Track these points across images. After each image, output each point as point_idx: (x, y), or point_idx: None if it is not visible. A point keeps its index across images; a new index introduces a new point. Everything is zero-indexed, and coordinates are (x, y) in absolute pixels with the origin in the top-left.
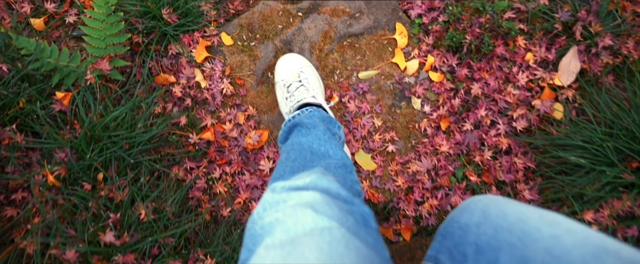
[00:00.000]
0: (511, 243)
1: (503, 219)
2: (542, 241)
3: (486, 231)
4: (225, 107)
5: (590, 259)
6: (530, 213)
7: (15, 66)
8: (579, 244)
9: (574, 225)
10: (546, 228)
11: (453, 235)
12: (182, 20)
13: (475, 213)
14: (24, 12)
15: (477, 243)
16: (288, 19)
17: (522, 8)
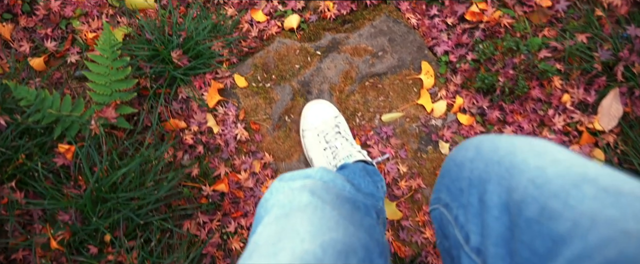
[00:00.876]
0: (499, 175)
1: (494, 153)
2: (527, 172)
3: (478, 165)
4: (239, 154)
5: (570, 187)
6: (521, 145)
7: (15, 119)
8: (562, 173)
9: (561, 155)
10: (533, 159)
11: (450, 172)
12: (193, 63)
13: (470, 150)
14: (23, 51)
15: (470, 177)
16: (306, 58)
17: (558, 47)
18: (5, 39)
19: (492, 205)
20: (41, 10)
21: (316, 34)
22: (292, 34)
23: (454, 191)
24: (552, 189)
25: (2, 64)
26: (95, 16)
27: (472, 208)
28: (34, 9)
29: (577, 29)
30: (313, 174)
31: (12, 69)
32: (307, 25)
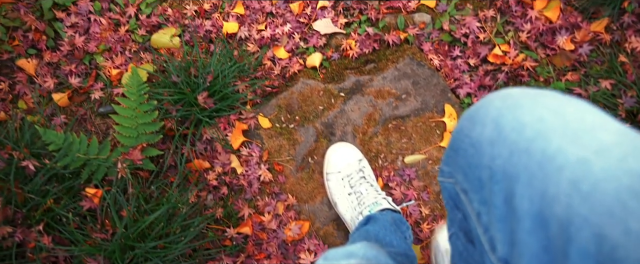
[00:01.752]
0: (530, 171)
1: (520, 134)
2: (567, 169)
3: (501, 152)
4: (263, 195)
5: (626, 197)
6: (552, 120)
7: (43, 164)
8: (614, 173)
9: (607, 135)
10: (572, 147)
11: (465, 153)
12: (218, 105)
13: (488, 125)
14: (47, 87)
15: (491, 167)
16: (329, 100)
17: (582, 93)
18: (29, 75)
19: (523, 213)
20: (65, 46)
21: (339, 73)
22: (315, 73)
23: (472, 179)
24: (605, 203)
25: (27, 100)
26: (119, 52)
27: (496, 209)
28: (58, 44)
29: (601, 75)
30: (356, 252)
31: (36, 104)
32: (329, 63)
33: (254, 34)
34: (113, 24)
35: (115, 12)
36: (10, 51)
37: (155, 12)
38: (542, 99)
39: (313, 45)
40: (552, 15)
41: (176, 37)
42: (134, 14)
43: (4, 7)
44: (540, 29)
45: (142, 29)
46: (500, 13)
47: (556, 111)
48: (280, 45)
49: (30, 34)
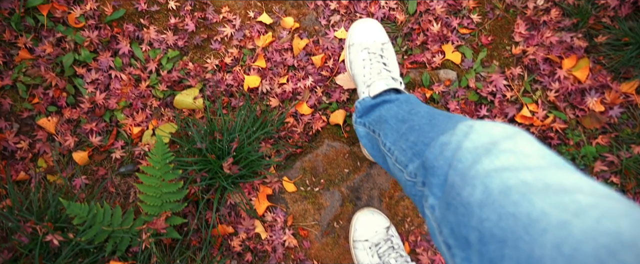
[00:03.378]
0: (517, 235)
1: (506, 197)
2: (550, 232)
3: (489, 215)
4: (287, 261)
5: (604, 256)
6: (535, 183)
7: (68, 239)
8: (591, 233)
9: (584, 198)
10: (554, 211)
11: (456, 211)
12: (243, 172)
13: (478, 187)
14: (67, 146)
15: (479, 229)
16: (355, 163)
17: (614, 160)
18: (49, 133)
19: None
20: (86, 103)
21: None
22: (338, 130)
23: (459, 237)
24: (583, 261)
25: (47, 158)
26: (140, 108)
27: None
28: (78, 101)
29: (633, 140)
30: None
31: (55, 163)
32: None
33: (276, 87)
34: (134, 79)
35: (136, 68)
36: (30, 109)
37: (176, 66)
38: (525, 160)
39: (336, 101)
40: (581, 75)
41: (199, 99)
42: (155, 69)
43: (24, 63)
44: (569, 89)
45: (163, 84)
46: (527, 71)
47: (537, 172)
48: (303, 100)
49: (51, 91)
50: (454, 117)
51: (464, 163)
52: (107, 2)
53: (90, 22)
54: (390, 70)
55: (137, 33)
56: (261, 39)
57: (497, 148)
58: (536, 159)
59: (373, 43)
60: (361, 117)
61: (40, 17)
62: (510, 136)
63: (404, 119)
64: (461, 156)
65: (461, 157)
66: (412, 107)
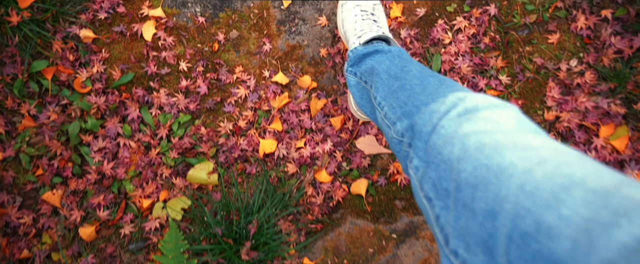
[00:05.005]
0: (487, 180)
1: (481, 152)
2: (515, 177)
3: (466, 167)
4: None
5: (559, 191)
6: (506, 141)
7: None
8: (550, 176)
9: (546, 151)
10: (520, 162)
11: (438, 168)
12: (261, 256)
13: (456, 145)
14: (73, 220)
15: (457, 180)
16: (380, 242)
17: None
18: (53, 205)
19: (478, 212)
20: (93, 173)
21: (388, 206)
22: (360, 201)
23: (439, 190)
24: (543, 197)
25: (52, 234)
26: (150, 178)
27: (455, 212)
28: (84, 170)
29: None
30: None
31: (59, 239)
32: (375, 190)
33: (293, 152)
34: (143, 147)
35: (145, 134)
36: (34, 181)
37: (188, 132)
38: (498, 124)
39: (357, 167)
40: (619, 145)
41: (214, 175)
42: (166, 135)
43: (27, 131)
44: (607, 159)
45: (174, 151)
46: (561, 138)
47: (509, 133)
48: (322, 166)
49: (55, 161)
50: (445, 82)
51: (446, 129)
52: (115, 65)
53: (97, 85)
54: (381, 26)
55: (146, 97)
56: (277, 100)
57: (476, 116)
58: (510, 125)
59: (365, 2)
60: (352, 66)
61: (45, 81)
62: (492, 106)
63: (396, 75)
64: (445, 123)
65: (445, 124)
66: (404, 64)
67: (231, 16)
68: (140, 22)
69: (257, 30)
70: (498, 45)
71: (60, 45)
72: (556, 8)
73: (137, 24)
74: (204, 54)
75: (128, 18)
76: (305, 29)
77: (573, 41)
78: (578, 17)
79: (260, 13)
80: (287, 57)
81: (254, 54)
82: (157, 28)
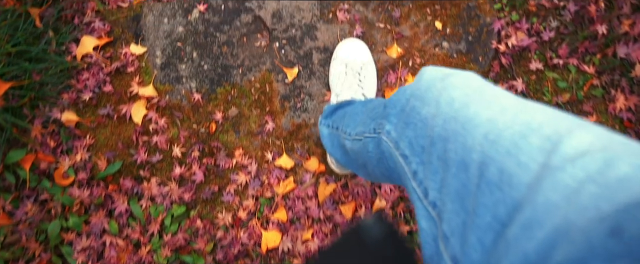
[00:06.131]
0: (456, 131)
1: (450, 106)
2: (480, 126)
3: (438, 122)
4: None
5: (518, 139)
6: (472, 94)
7: None
8: (510, 124)
9: (507, 100)
10: (484, 111)
11: (415, 126)
12: None
13: (432, 104)
14: None
15: (431, 135)
16: None
17: None
18: None
19: (451, 163)
20: None
21: None
22: None
23: (415, 147)
24: (504, 145)
25: None
26: None
27: (431, 165)
28: None
29: None
30: None
31: None
32: None
33: (299, 245)
34: (132, 245)
35: (134, 230)
36: None
37: (183, 226)
38: (468, 81)
39: None
40: None
41: None
42: (157, 231)
43: (2, 230)
44: None
45: (167, 249)
46: None
47: (476, 88)
48: None
49: None
50: None
51: (421, 90)
52: (100, 153)
53: (80, 175)
54: (364, 87)
55: (135, 188)
56: (281, 186)
57: (447, 77)
58: (477, 82)
59: (353, 60)
60: (325, 118)
61: (22, 172)
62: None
63: (366, 105)
64: (419, 85)
65: (419, 86)
66: (375, 100)
67: (230, 91)
68: (129, 102)
69: (259, 107)
70: None
71: (40, 130)
72: (592, 86)
73: (126, 105)
74: (200, 136)
75: (115, 97)
76: (312, 105)
77: (611, 124)
78: (616, 97)
79: (262, 87)
80: (292, 137)
81: (256, 134)
82: (147, 109)
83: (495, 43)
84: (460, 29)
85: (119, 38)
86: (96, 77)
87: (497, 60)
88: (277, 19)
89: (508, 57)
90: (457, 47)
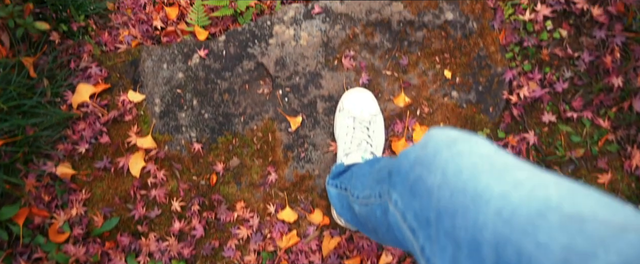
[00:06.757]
0: (465, 206)
1: (458, 177)
2: (492, 202)
3: (444, 194)
4: None
5: (535, 217)
6: (482, 164)
7: None
8: (525, 200)
9: (522, 174)
10: (496, 185)
11: (421, 197)
12: None
13: (438, 174)
14: None
15: (438, 208)
16: None
17: None
18: None
19: (462, 242)
20: None
21: None
22: None
23: (421, 219)
24: (520, 223)
25: None
26: None
27: (439, 242)
28: None
29: None
30: None
31: None
32: None
33: None
34: None
35: None
36: None
37: None
38: (476, 147)
39: None
40: None
41: None
42: None
43: None
44: None
45: None
46: None
47: (486, 157)
48: None
49: None
50: None
51: (427, 157)
52: (96, 208)
53: (76, 231)
54: (373, 143)
55: (133, 244)
56: (283, 240)
57: (454, 144)
58: (486, 148)
59: (360, 112)
60: (334, 178)
61: (15, 227)
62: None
63: (372, 165)
64: (426, 151)
65: (426, 152)
66: (382, 160)
67: (231, 141)
68: (127, 153)
69: (261, 157)
70: None
71: (34, 184)
72: (607, 141)
73: (123, 158)
74: (200, 188)
75: (112, 149)
76: (316, 156)
77: (627, 182)
78: (633, 154)
79: (264, 137)
80: (295, 189)
81: (258, 185)
82: (146, 161)
83: (507, 93)
84: (470, 78)
85: (116, 84)
86: (92, 127)
87: (508, 111)
88: (281, 66)
89: (520, 108)
90: (466, 97)
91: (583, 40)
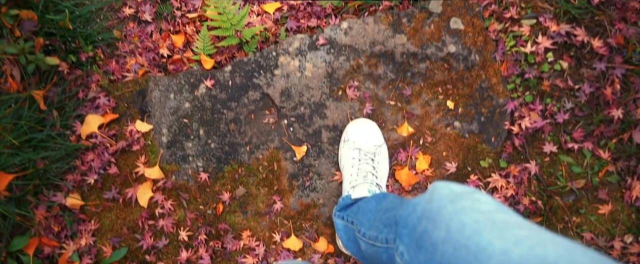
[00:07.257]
0: (468, 261)
1: (461, 233)
2: (493, 258)
3: (448, 248)
4: None
5: None
6: (484, 221)
7: None
8: (525, 257)
9: (522, 232)
10: (497, 242)
11: (426, 251)
12: None
13: (442, 229)
14: None
15: (441, 261)
16: None
17: None
18: None
19: None
20: None
21: None
22: None
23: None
24: None
25: None
26: None
27: None
28: None
29: None
30: None
31: None
32: None
33: None
34: None
35: None
36: None
37: None
38: (478, 205)
39: None
40: None
41: None
42: None
43: None
44: None
45: None
46: None
47: (487, 214)
48: None
49: None
50: None
51: (432, 211)
52: (105, 239)
53: (85, 261)
54: (378, 175)
55: None
56: None
57: (458, 199)
58: (488, 205)
59: (366, 144)
60: (340, 211)
61: (25, 257)
62: (470, 191)
63: (379, 202)
64: (431, 206)
65: (431, 207)
66: (388, 198)
67: (237, 170)
68: (135, 184)
69: (267, 186)
70: (540, 211)
71: (44, 214)
72: (607, 172)
73: (131, 188)
74: (207, 218)
75: (121, 179)
76: (320, 185)
77: (627, 213)
78: (633, 185)
79: (270, 166)
80: (300, 217)
81: (263, 214)
82: (153, 191)
83: (508, 124)
84: (472, 109)
85: (124, 114)
86: (101, 158)
87: (510, 141)
88: (286, 96)
89: (521, 139)
90: (469, 127)
91: (583, 72)
